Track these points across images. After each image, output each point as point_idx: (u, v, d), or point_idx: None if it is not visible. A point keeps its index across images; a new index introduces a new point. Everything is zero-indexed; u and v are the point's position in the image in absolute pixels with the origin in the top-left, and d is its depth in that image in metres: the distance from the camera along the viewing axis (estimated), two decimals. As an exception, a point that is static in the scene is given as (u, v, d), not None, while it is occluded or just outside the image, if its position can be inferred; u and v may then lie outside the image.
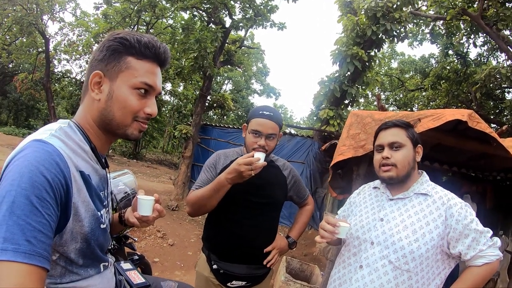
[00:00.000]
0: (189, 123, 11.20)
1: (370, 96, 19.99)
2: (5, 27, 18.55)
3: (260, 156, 1.89)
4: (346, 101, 8.60)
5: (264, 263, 2.21)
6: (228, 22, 10.78)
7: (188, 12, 10.86)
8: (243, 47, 14.40)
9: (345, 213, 2.13)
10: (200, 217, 8.98)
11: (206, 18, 10.69)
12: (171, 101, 27.84)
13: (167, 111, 29.37)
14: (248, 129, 2.14)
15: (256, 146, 2.05)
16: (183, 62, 13.21)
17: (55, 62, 22.10)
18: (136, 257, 2.74)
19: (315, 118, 8.90)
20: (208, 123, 12.23)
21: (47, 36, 17.19)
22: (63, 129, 1.14)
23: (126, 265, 1.62)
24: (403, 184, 1.84)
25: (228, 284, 2.19)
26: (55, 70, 22.49)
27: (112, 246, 1.42)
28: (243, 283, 2.21)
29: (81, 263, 1.13)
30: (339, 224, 1.68)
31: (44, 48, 17.34)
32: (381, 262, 1.71)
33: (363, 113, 3.54)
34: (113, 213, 1.56)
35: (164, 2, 12.24)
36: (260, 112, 2.09)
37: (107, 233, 1.27)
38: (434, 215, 1.71)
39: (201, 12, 10.79)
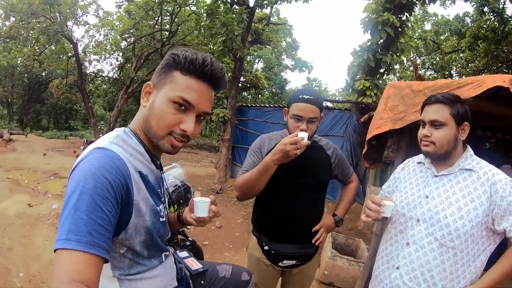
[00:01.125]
0: (224, 106, 11.27)
1: (405, 61, 19.18)
2: (32, 39, 19.22)
3: (304, 135, 1.93)
4: (382, 70, 8.30)
5: (313, 241, 2.30)
6: (251, 1, 10.63)
7: (210, -4, 10.76)
8: (270, 24, 14.20)
9: (390, 189, 2.14)
10: (245, 198, 9.17)
11: (229, 0, 10.59)
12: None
13: (201, 96, 29.58)
14: (289, 113, 2.16)
15: (297, 131, 2.06)
16: (212, 47, 13.22)
17: (86, 63, 22.62)
18: (188, 243, 2.85)
19: (350, 90, 8.70)
20: (244, 104, 12.22)
21: (75, 41, 17.62)
22: (120, 136, 1.25)
23: (182, 253, 1.77)
24: (447, 160, 1.83)
25: (280, 264, 2.31)
26: (87, 71, 23.15)
27: (170, 237, 1.54)
28: (294, 261, 2.32)
29: (146, 255, 1.27)
30: (384, 203, 1.71)
31: (73, 52, 17.86)
32: (427, 239, 1.74)
33: (401, 84, 3.45)
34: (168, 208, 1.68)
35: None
36: (300, 97, 2.10)
37: (166, 225, 1.39)
38: (479, 191, 1.70)
39: (222, -6, 10.68)
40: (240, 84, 12.31)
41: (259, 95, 25.42)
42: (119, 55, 22.58)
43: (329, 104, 10.28)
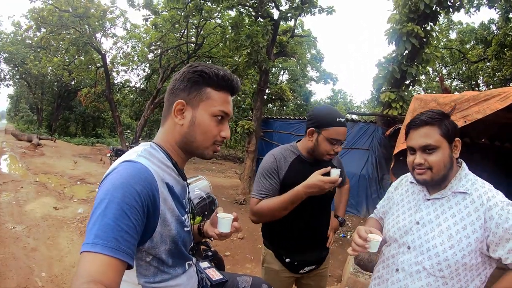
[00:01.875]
0: (250, 118, 11.31)
1: (431, 72, 18.88)
2: (62, 50, 19.93)
3: (337, 172, 2.02)
4: (407, 82, 8.14)
5: (327, 245, 2.46)
6: (276, 14, 10.67)
7: (234, 9, 10.91)
8: (294, 37, 14.24)
9: (384, 209, 2.06)
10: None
11: (253, 13, 10.67)
12: (230, 97, 28.15)
13: (227, 108, 29.82)
14: (323, 136, 2.15)
15: (332, 153, 2.17)
16: (237, 59, 13.35)
17: (114, 74, 23.34)
18: (210, 253, 2.88)
19: (376, 102, 8.61)
20: (269, 116, 12.21)
21: (103, 52, 18.19)
22: (147, 150, 1.31)
23: (204, 264, 1.80)
24: (442, 183, 1.70)
25: (301, 271, 2.38)
26: (115, 81, 23.88)
27: (194, 245, 1.59)
28: (313, 266, 2.41)
29: (171, 263, 1.31)
30: (370, 239, 1.61)
31: (101, 63, 18.41)
32: (416, 268, 1.66)
33: (427, 97, 3.43)
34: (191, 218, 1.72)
35: (209, 4, 12.39)
36: (338, 120, 2.13)
37: (190, 234, 1.44)
38: (472, 217, 1.58)
39: (247, 8, 10.80)
40: (265, 96, 12.34)
41: (284, 107, 25.44)
42: (146, 66, 23.09)
43: (354, 117, 10.19)
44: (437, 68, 16.94)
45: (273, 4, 10.58)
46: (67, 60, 21.08)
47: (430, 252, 1.62)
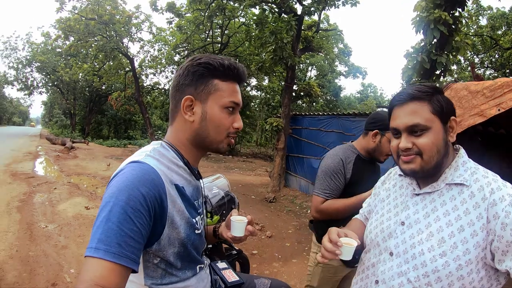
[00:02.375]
0: (278, 115, 11.28)
1: (463, 61, 18.12)
2: (91, 56, 20.52)
3: None
4: (438, 72, 7.67)
5: None
6: (299, 9, 10.63)
7: (257, 7, 10.93)
8: (319, 31, 14.12)
9: (369, 207, 1.73)
10: (297, 207, 9.08)
11: (276, 10, 10.65)
12: (259, 95, 28.26)
13: (256, 106, 29.95)
14: (387, 138, 2.32)
15: (390, 154, 2.28)
16: (263, 56, 13.35)
17: (143, 77, 23.96)
18: (234, 252, 2.85)
19: None
20: (298, 113, 12.12)
21: (131, 57, 18.72)
22: (157, 149, 1.29)
23: (221, 265, 1.73)
24: (435, 174, 1.35)
25: (356, 264, 2.41)
26: (145, 84, 24.50)
27: (207, 247, 1.57)
28: None
29: (180, 266, 1.28)
30: (341, 244, 1.29)
31: (130, 67, 18.90)
32: (399, 280, 1.32)
33: (457, 85, 3.20)
34: (207, 219, 1.73)
35: (232, 3, 12.44)
36: None
37: (202, 237, 1.40)
38: (471, 216, 1.21)
39: (270, 4, 10.79)
40: (293, 93, 12.29)
41: (314, 103, 25.32)
42: (174, 68, 23.40)
43: (385, 110, 9.98)
44: (469, 57, 16.33)
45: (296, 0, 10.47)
46: (97, 66, 21.76)
47: (416, 260, 1.28)
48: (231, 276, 1.65)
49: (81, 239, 5.36)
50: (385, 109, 2.57)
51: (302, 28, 11.20)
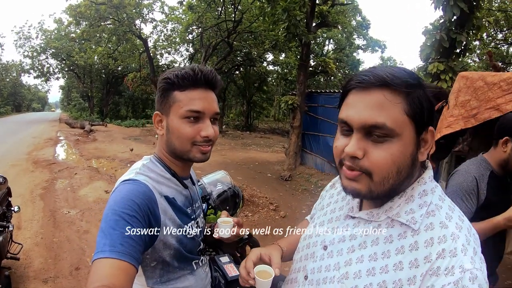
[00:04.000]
0: (294, 92, 11.19)
1: (485, 38, 17.08)
2: (105, 39, 20.58)
3: None
4: (457, 51, 7.30)
5: None
6: (313, -16, 10.34)
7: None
8: (335, 5, 13.82)
9: (314, 211, 1.42)
10: (312, 186, 9.08)
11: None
12: (276, 69, 28.06)
13: (273, 80, 29.77)
14: None
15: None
16: (279, 33, 13.16)
17: (158, 57, 23.79)
18: (245, 236, 2.89)
19: (423, 73, 8.02)
20: (313, 90, 11.95)
21: (144, 37, 18.77)
22: (146, 165, 1.37)
23: (224, 258, 1.78)
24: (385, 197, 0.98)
25: None
26: (160, 64, 24.39)
27: (204, 247, 1.61)
28: None
29: (176, 265, 1.38)
30: (253, 275, 1.16)
31: (144, 48, 18.82)
32: None
33: (473, 75, 3.04)
34: (212, 215, 1.84)
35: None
36: None
37: (195, 240, 1.48)
38: (401, 274, 0.87)
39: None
40: (310, 68, 12.14)
41: (332, 77, 25.01)
42: (189, 46, 23.34)
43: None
44: (492, 33, 15.59)
45: (309, -26, 10.18)
46: (111, 48, 21.76)
47: None
48: (232, 270, 1.69)
49: (102, 224, 5.51)
50: None
51: (317, 2, 10.92)
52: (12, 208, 3.73)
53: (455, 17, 6.87)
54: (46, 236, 4.92)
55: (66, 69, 34.03)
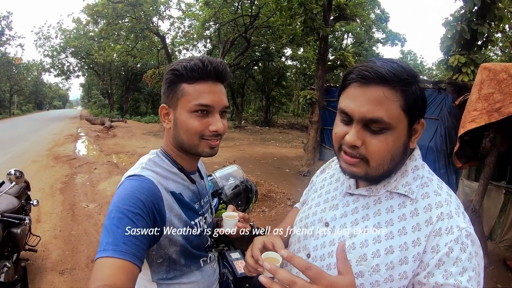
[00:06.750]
0: (312, 87, 11.10)
1: (508, 30, 16.96)
2: (123, 37, 20.86)
3: None
4: (479, 43, 7.01)
5: None
6: (329, -23, 10.22)
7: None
8: (353, -2, 13.67)
9: (305, 197, 1.49)
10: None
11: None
12: (294, 64, 27.93)
13: (292, 75, 29.67)
14: None
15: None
16: (296, 27, 13.09)
17: (176, 53, 23.93)
18: (261, 231, 2.89)
19: (444, 66, 7.81)
20: (332, 84, 11.76)
21: (162, 34, 18.91)
22: (152, 160, 1.33)
23: (234, 255, 1.74)
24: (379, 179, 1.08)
25: None
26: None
27: (212, 243, 1.58)
28: None
29: (183, 262, 1.35)
30: (262, 262, 1.11)
31: (162, 45, 19.01)
32: None
33: (496, 66, 2.91)
34: (223, 210, 1.77)
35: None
36: None
37: (202, 236, 1.43)
38: (406, 237, 0.97)
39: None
40: (329, 63, 12.03)
41: (353, 71, 24.89)
42: (206, 42, 23.40)
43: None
44: None
45: (326, -33, 10.07)
46: (130, 46, 22.01)
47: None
48: (242, 267, 1.65)
49: (120, 218, 5.59)
50: None
51: (333, -4, 10.80)
52: (31, 202, 3.81)
53: (476, 8, 6.56)
54: (64, 229, 5.01)
55: (86, 67, 34.72)
